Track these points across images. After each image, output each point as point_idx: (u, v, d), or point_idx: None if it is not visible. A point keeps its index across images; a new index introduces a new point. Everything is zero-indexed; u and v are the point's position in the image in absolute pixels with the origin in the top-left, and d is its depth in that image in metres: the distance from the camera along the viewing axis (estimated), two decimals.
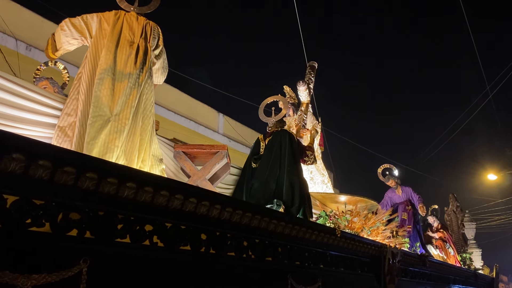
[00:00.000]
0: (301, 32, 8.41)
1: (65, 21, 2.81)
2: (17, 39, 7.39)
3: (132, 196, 1.92)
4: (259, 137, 3.99)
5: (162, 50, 2.99)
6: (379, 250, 4.59)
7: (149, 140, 2.68)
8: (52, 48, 2.86)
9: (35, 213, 1.59)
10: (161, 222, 2.11)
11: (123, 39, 2.67)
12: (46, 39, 3.01)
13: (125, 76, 2.56)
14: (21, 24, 7.49)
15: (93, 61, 2.60)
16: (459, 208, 11.41)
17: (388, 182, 7.66)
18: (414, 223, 7.39)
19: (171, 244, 2.15)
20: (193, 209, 2.24)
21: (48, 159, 1.58)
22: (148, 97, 2.73)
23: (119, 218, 1.91)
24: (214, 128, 12.45)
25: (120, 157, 2.44)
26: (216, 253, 2.44)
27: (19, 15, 7.59)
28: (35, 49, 7.69)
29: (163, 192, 2.05)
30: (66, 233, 1.70)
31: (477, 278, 9.92)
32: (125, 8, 2.94)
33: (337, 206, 4.74)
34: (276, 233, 2.95)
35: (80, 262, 1.69)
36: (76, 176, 1.68)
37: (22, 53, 7.45)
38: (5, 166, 1.48)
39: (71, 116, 2.49)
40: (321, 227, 3.46)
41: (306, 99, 5.72)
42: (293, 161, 3.66)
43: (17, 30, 7.39)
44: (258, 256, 2.80)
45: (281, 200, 3.39)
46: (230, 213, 2.50)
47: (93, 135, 2.35)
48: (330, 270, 3.68)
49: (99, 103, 2.43)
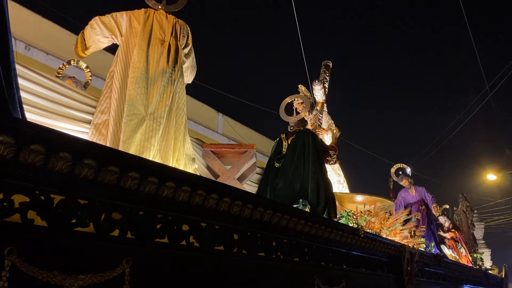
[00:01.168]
0: (299, 32, 8.33)
1: (95, 19, 2.79)
2: (16, 39, 7.35)
3: (171, 196, 1.90)
4: (281, 136, 3.97)
5: (191, 49, 2.98)
6: (398, 250, 4.56)
7: (183, 139, 2.66)
8: (82, 47, 2.84)
9: (80, 213, 1.58)
10: (197, 221, 2.10)
11: (154, 38, 2.65)
12: (45, 38, 3.00)
13: (158, 75, 2.54)
14: (20, 24, 7.45)
15: (125, 60, 2.58)
16: (469, 208, 11.36)
17: (402, 182, 7.62)
18: (428, 223, 7.35)
19: (206, 244, 2.13)
20: (227, 208, 2.22)
21: (93, 158, 1.56)
22: (181, 96, 2.71)
23: (158, 217, 1.89)
24: (213, 128, 12.44)
25: (156, 156, 2.42)
26: (247, 253, 2.42)
27: (18, 15, 7.56)
28: (34, 49, 7.68)
29: (200, 191, 2.03)
30: (109, 233, 1.68)
31: (488, 278, 9.87)
32: (153, 6, 2.92)
33: (356, 206, 4.71)
34: (303, 233, 2.93)
35: (123, 262, 1.67)
36: (119, 175, 1.67)
37: (21, 52, 7.43)
38: (53, 165, 1.46)
39: (105, 114, 2.47)
40: (346, 227, 3.43)
41: (322, 98, 5.69)
42: (318, 161, 3.63)
43: (16, 29, 7.31)
44: (286, 256, 2.78)
45: (307, 200, 3.37)
46: (261, 213, 2.48)
47: (129, 134, 2.33)
48: (353, 271, 3.65)
49: (133, 101, 2.41)
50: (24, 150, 1.37)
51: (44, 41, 7.74)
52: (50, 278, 1.41)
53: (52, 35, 7.95)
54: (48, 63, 7.65)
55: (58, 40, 7.85)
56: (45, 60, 7.73)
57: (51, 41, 7.83)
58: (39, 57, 7.71)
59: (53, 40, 7.86)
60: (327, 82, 5.99)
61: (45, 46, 7.78)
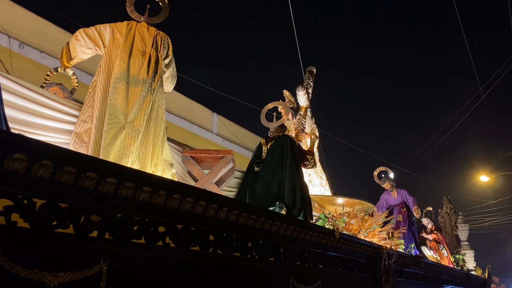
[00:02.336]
0: (296, 32, 8.50)
1: (80, 31, 2.93)
2: (10, 37, 7.38)
3: (147, 199, 2.04)
4: (261, 142, 4.12)
5: (172, 60, 3.12)
6: (376, 251, 4.72)
7: (161, 146, 2.80)
8: (67, 57, 2.97)
9: (60, 215, 1.71)
10: (173, 224, 2.23)
11: (135, 49, 2.79)
12: (39, 36, 3.12)
13: (138, 84, 2.68)
14: (14, 22, 7.48)
15: (107, 70, 2.72)
16: (452, 210, 11.61)
17: (384, 185, 7.82)
18: (409, 225, 7.55)
19: (182, 245, 2.27)
20: (202, 211, 2.36)
21: (73, 165, 1.70)
22: (160, 104, 2.85)
23: (135, 220, 2.03)
24: (208, 128, 12.51)
25: (135, 162, 2.55)
26: (222, 253, 2.56)
27: (12, 13, 7.58)
28: (28, 47, 7.68)
29: (176, 195, 2.17)
30: (87, 234, 1.81)
31: (470, 279, 10.09)
32: (135, 18, 3.06)
33: (335, 208, 4.87)
34: (279, 234, 3.07)
35: (101, 261, 1.80)
36: (97, 181, 1.80)
37: (15, 50, 7.46)
38: (35, 172, 1.60)
39: (87, 123, 2.61)
40: (321, 228, 3.58)
41: (305, 103, 5.85)
42: (294, 165, 3.79)
43: (10, 27, 7.36)
44: (262, 257, 2.92)
45: (283, 202, 3.52)
46: (236, 215, 2.61)
47: (109, 141, 2.47)
48: (329, 270, 3.80)
49: (114, 110, 2.55)
50: (8, 158, 1.50)
51: (38, 39, 7.77)
52: (31, 276, 1.55)
53: (47, 33, 7.97)
54: (42, 61, 7.67)
55: (52, 38, 7.86)
56: (39, 58, 7.74)
57: (45, 39, 7.86)
58: (33, 55, 7.72)
59: (47, 38, 7.89)
60: (310, 88, 6.15)
61: (40, 44, 7.81)
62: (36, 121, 2.44)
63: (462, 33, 12.09)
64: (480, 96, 14.81)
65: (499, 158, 18.20)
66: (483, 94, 14.50)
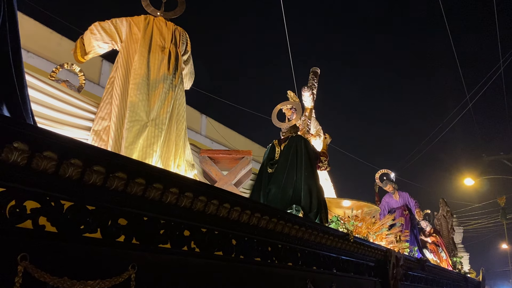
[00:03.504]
0: (287, 34, 8.43)
1: (95, 25, 2.79)
2: None
3: (174, 202, 1.93)
4: (274, 142, 4.01)
5: (190, 56, 3.00)
6: (385, 254, 4.65)
7: (183, 145, 2.68)
8: (81, 52, 2.83)
9: (88, 219, 1.59)
10: (198, 227, 2.13)
11: (154, 44, 2.67)
12: (26, 36, 2.98)
13: (159, 81, 2.56)
14: None
15: (125, 66, 2.59)
16: (449, 213, 11.59)
17: (386, 187, 7.76)
18: (411, 228, 7.50)
19: (206, 250, 2.16)
20: (226, 214, 2.26)
21: (103, 165, 1.58)
22: (181, 102, 2.73)
23: (161, 223, 1.92)
24: (197, 129, 12.38)
25: (158, 162, 2.43)
26: (244, 258, 2.46)
27: None
28: None
29: (202, 197, 2.06)
30: (115, 238, 1.69)
31: (467, 282, 10.10)
32: (151, 12, 2.94)
33: (343, 211, 4.78)
34: (297, 238, 2.97)
35: (129, 268, 1.69)
36: (126, 181, 1.69)
37: None
38: (64, 171, 1.48)
39: (106, 120, 2.48)
40: (336, 232, 3.50)
41: (310, 104, 5.76)
42: (310, 167, 3.69)
43: None
44: (280, 261, 2.83)
45: (300, 205, 3.43)
46: (258, 219, 2.52)
47: (131, 140, 2.34)
48: (342, 275, 3.72)
49: (135, 108, 2.42)
50: (37, 157, 1.38)
51: (24, 39, 7.57)
52: (60, 284, 1.43)
53: (33, 33, 7.79)
54: (28, 61, 7.47)
55: (39, 38, 7.71)
56: (25, 58, 7.57)
57: (32, 38, 7.66)
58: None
59: (34, 37, 7.70)
60: (315, 89, 6.07)
61: (26, 44, 7.63)
62: (53, 115, 2.30)
63: (451, 41, 12.15)
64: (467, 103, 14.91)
65: (484, 162, 18.30)
66: (470, 101, 14.60)
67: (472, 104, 14.93)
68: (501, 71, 13.15)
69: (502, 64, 12.69)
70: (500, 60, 12.73)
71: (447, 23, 11.45)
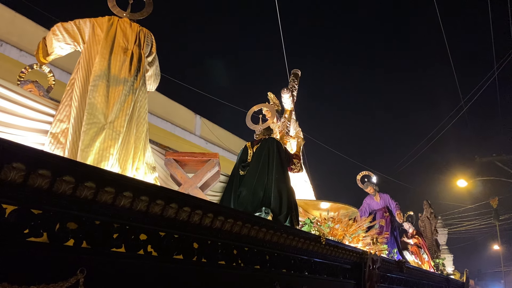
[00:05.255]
0: (282, 35, 8.45)
1: (57, 26, 2.77)
2: None
3: (128, 205, 1.91)
4: (246, 145, 4.01)
5: (155, 57, 2.98)
6: (360, 257, 4.66)
7: (143, 148, 2.66)
8: (43, 53, 2.80)
9: (33, 223, 1.57)
10: (156, 231, 2.11)
11: (117, 46, 2.65)
12: (18, 34, 2.95)
13: (119, 83, 2.54)
14: None
15: (86, 67, 2.56)
16: (432, 215, 11.68)
17: (367, 189, 7.80)
18: (392, 230, 7.54)
19: (165, 253, 2.15)
20: (186, 218, 2.24)
21: (49, 169, 1.56)
22: (142, 104, 2.71)
23: (115, 227, 1.90)
24: (191, 130, 12.35)
25: (115, 165, 2.41)
26: (207, 261, 2.44)
27: None
28: (6, 44, 7.44)
29: (159, 201, 2.04)
30: (63, 243, 1.68)
31: (449, 283, 10.17)
32: (117, 14, 2.91)
33: (320, 213, 4.79)
34: (265, 241, 2.97)
35: (77, 272, 1.67)
36: (75, 185, 1.67)
37: None
38: (5, 175, 1.46)
39: (64, 123, 2.45)
40: (307, 234, 3.50)
41: (290, 106, 5.77)
42: (281, 169, 3.70)
43: None
44: (247, 264, 2.82)
45: (269, 208, 3.42)
46: (222, 222, 2.50)
47: (88, 143, 2.32)
48: (314, 277, 3.72)
49: (93, 110, 2.40)
50: None
51: (17, 37, 7.52)
52: None
53: (26, 31, 7.72)
54: (21, 60, 7.42)
55: (32, 36, 7.62)
56: (18, 57, 7.51)
57: (25, 37, 7.60)
58: (12, 53, 7.48)
59: (27, 36, 7.63)
60: (295, 90, 6.08)
61: (19, 42, 7.56)
62: (9, 120, 2.27)
63: (446, 44, 12.27)
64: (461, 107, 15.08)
65: (477, 164, 18.47)
66: (465, 106, 14.76)
67: (468, 109, 15.07)
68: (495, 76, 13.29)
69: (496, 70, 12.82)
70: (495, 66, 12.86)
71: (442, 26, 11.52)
